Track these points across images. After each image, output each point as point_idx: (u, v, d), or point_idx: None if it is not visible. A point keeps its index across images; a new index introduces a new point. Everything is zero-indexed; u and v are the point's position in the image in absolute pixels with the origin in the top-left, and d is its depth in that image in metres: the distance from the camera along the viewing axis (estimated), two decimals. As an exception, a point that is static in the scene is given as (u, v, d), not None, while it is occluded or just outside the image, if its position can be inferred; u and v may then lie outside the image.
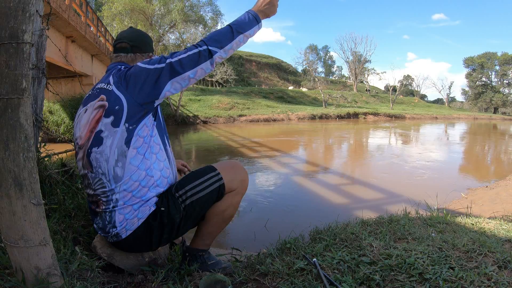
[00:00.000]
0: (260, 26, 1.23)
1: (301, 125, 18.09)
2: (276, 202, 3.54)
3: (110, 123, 1.06)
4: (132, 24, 24.34)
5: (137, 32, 1.31)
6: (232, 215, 1.29)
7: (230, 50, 1.16)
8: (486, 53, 49.45)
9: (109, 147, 1.06)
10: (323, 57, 54.25)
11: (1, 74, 0.79)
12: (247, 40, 1.21)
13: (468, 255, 1.17)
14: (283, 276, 1.12)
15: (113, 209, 1.10)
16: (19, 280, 0.85)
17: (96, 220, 1.17)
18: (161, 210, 1.14)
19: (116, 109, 1.06)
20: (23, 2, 0.80)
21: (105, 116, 1.06)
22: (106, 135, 1.06)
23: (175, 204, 1.15)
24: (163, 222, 1.14)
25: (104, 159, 1.07)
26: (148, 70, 1.08)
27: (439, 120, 28.73)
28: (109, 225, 1.13)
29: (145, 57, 1.26)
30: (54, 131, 9.55)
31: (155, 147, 1.14)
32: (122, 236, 1.13)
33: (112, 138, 1.06)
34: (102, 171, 1.08)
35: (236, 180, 1.25)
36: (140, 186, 1.10)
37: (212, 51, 1.11)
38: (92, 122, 1.08)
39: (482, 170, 6.65)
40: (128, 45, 1.25)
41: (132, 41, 1.26)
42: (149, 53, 1.29)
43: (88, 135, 1.09)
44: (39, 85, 1.60)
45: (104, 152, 1.07)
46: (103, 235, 1.17)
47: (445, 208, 2.65)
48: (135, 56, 1.25)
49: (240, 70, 42.97)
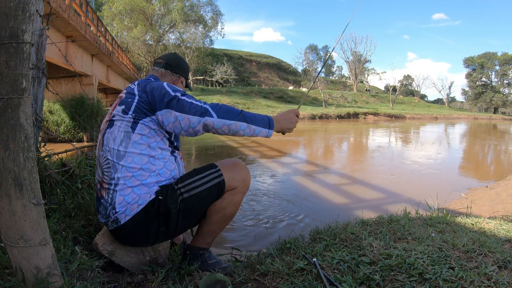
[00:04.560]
0: (268, 133, 1.21)
1: (301, 125, 18.08)
2: (276, 202, 3.53)
3: (121, 110, 1.20)
4: (132, 24, 24.36)
5: (175, 55, 1.47)
6: (233, 213, 1.30)
7: (224, 126, 1.15)
8: (486, 53, 49.48)
9: (117, 128, 1.19)
10: (323, 57, 54.29)
11: (1, 74, 0.79)
12: (247, 134, 1.18)
13: (468, 255, 1.17)
14: (283, 276, 1.12)
15: (115, 189, 1.16)
16: (19, 280, 0.85)
17: (100, 206, 1.22)
18: (159, 198, 1.18)
19: (128, 100, 1.20)
20: (23, 2, 0.80)
21: (119, 104, 1.22)
22: (117, 119, 1.19)
23: (173, 195, 1.19)
24: (159, 211, 1.17)
25: (112, 138, 1.19)
26: (165, 89, 1.20)
27: (439, 120, 28.73)
28: (109, 207, 1.17)
29: (174, 78, 1.40)
30: (54, 131, 9.55)
31: (162, 144, 1.23)
32: (121, 221, 1.16)
33: (121, 122, 1.19)
34: (109, 148, 1.18)
35: (237, 178, 1.26)
36: (141, 170, 1.17)
37: (209, 112, 1.14)
38: (111, 110, 1.25)
39: (482, 170, 6.65)
40: (163, 61, 1.40)
41: (168, 59, 1.41)
42: (179, 75, 1.42)
43: (107, 120, 1.24)
44: (39, 85, 1.60)
45: (113, 132, 1.19)
46: (104, 221, 1.21)
47: (445, 208, 2.65)
48: (165, 72, 1.39)
49: (240, 70, 43.00)
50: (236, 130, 1.16)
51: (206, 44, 30.37)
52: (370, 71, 48.95)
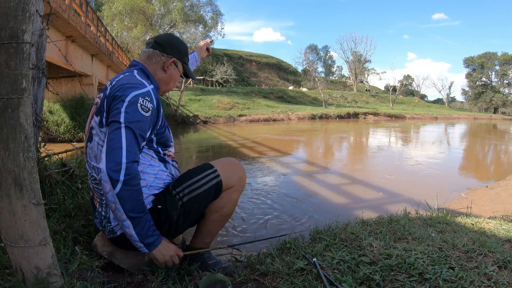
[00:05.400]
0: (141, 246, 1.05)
1: (301, 125, 18.08)
2: (276, 202, 3.53)
3: (98, 122, 1.07)
4: (132, 24, 24.36)
5: (169, 34, 1.29)
6: (231, 212, 1.29)
7: (113, 205, 0.98)
8: (486, 53, 49.46)
9: (96, 145, 1.07)
10: (323, 57, 54.31)
11: (1, 74, 0.79)
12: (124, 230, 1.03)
13: (468, 255, 1.17)
14: (283, 276, 1.12)
15: (106, 204, 1.10)
16: (19, 280, 0.85)
17: (95, 214, 1.18)
18: (158, 208, 1.13)
19: (102, 110, 1.06)
20: (23, 2, 0.79)
21: (96, 114, 1.08)
22: (95, 132, 1.08)
23: (172, 202, 1.15)
24: (160, 220, 1.14)
25: (93, 155, 1.09)
26: (122, 106, 1.00)
27: (439, 120, 28.73)
28: (104, 220, 1.14)
29: (164, 59, 1.21)
30: (54, 131, 9.54)
31: (147, 156, 1.13)
32: (118, 233, 1.14)
33: (98, 137, 1.07)
34: (93, 166, 1.10)
35: (234, 177, 1.24)
36: None
37: (118, 181, 0.95)
38: (89, 118, 1.12)
39: (482, 170, 6.65)
40: (153, 41, 1.23)
41: (158, 38, 1.24)
42: (171, 56, 1.22)
43: (88, 129, 1.12)
44: (39, 85, 1.60)
45: (93, 148, 1.09)
46: (102, 229, 1.18)
47: (445, 208, 2.65)
48: (152, 53, 1.20)
49: (240, 70, 42.99)
50: (118, 218, 1.00)
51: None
52: (370, 71, 48.95)
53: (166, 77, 1.24)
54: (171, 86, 1.28)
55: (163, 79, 1.24)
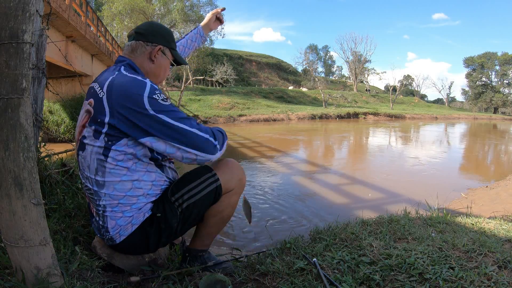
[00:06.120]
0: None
1: (301, 125, 18.08)
2: (276, 202, 3.53)
3: (92, 132, 1.00)
4: (132, 24, 24.37)
5: (150, 22, 1.20)
6: (230, 215, 1.27)
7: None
8: (486, 53, 49.48)
9: (89, 154, 1.03)
10: (323, 57, 54.30)
11: (1, 74, 0.79)
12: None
13: (468, 255, 1.17)
14: (283, 276, 1.12)
15: (104, 214, 1.08)
16: (19, 280, 0.85)
17: (92, 221, 1.16)
18: (157, 216, 1.11)
19: (98, 120, 0.99)
20: (23, 2, 0.79)
21: (89, 124, 1.01)
22: (88, 142, 1.02)
23: (172, 209, 1.11)
24: (160, 228, 1.12)
25: (86, 165, 1.05)
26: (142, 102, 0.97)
27: (439, 120, 28.73)
28: (102, 229, 1.11)
29: (149, 49, 1.12)
30: (54, 131, 9.54)
31: (144, 163, 1.07)
32: (117, 241, 1.12)
33: (92, 148, 1.02)
34: (86, 176, 1.06)
35: (233, 179, 1.20)
36: (127, 196, 1.06)
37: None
38: (80, 126, 1.05)
39: (482, 170, 6.65)
40: (134, 32, 1.14)
41: (139, 28, 1.15)
42: (156, 44, 1.13)
43: (78, 137, 1.06)
44: (39, 85, 1.60)
45: (86, 158, 1.04)
46: (100, 236, 1.16)
47: (445, 208, 2.65)
48: (136, 45, 1.12)
49: (240, 70, 42.98)
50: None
51: (206, 44, 30.43)
52: (370, 71, 48.98)
53: (154, 67, 1.15)
54: (162, 77, 1.20)
55: (152, 70, 1.15)
